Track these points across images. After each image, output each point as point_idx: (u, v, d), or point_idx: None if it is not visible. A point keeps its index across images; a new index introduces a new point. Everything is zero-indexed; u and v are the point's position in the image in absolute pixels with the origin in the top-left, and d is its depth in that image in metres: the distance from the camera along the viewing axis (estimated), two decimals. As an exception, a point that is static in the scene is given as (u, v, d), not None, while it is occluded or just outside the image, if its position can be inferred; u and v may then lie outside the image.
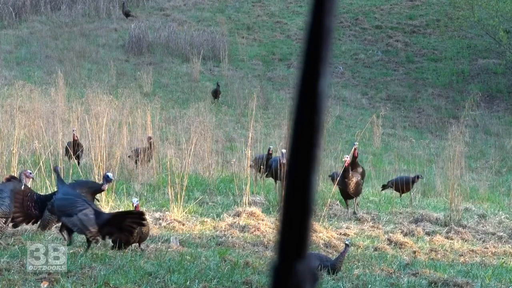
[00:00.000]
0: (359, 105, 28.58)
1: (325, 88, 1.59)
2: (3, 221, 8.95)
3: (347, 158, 12.80)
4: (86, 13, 35.47)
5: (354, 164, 13.06)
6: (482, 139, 25.66)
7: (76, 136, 15.12)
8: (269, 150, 15.12)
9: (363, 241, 11.07)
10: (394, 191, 14.55)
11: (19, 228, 9.73)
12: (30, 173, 9.57)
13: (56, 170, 10.01)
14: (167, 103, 24.23)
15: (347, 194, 12.77)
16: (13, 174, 10.54)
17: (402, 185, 14.16)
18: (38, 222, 9.72)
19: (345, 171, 12.70)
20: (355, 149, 13.23)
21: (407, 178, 14.34)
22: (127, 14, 34.88)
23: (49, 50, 30.79)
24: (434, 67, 32.09)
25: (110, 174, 10.10)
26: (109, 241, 9.19)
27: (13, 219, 9.23)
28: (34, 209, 9.49)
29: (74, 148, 14.94)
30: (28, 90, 18.78)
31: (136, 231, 9.02)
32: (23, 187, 9.36)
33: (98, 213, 8.86)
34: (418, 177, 14.32)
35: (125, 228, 8.89)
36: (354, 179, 12.64)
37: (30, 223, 9.65)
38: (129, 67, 30.19)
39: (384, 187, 14.79)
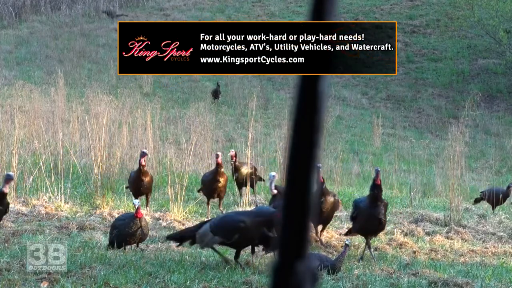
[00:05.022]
0: (359, 105, 28.57)
1: (325, 88, 1.59)
2: None
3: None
4: (86, 13, 35.46)
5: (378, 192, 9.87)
6: (482, 139, 25.64)
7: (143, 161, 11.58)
8: None
9: (363, 241, 11.05)
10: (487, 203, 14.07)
11: (19, 228, 9.73)
12: None
13: None
14: (167, 103, 24.23)
15: (371, 229, 10.00)
16: None
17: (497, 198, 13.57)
18: None
19: (378, 189, 9.75)
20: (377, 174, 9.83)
21: (497, 190, 13.77)
22: (109, 13, 34.61)
23: (49, 50, 30.78)
24: (434, 67, 32.07)
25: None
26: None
27: None
28: None
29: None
30: (28, 90, 18.77)
31: (138, 232, 9.04)
32: None
33: None
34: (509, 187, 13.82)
35: None
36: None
37: None
38: (129, 67, 30.15)
39: (476, 200, 14.22)
